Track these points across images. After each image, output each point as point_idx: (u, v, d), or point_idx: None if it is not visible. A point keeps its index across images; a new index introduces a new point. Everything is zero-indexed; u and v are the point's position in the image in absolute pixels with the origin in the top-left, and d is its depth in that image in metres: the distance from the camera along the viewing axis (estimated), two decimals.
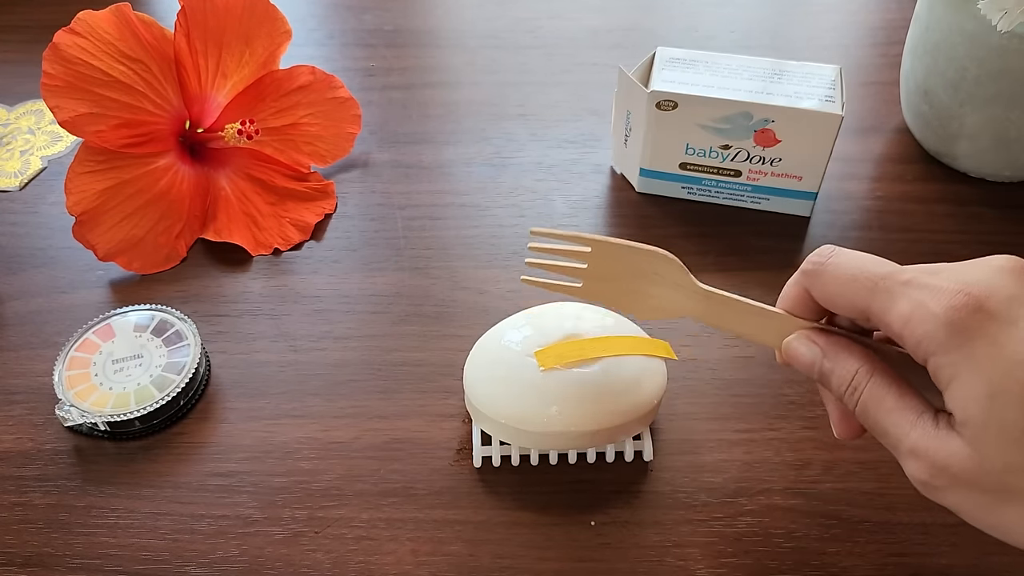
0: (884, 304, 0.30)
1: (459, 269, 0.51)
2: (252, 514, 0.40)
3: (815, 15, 0.72)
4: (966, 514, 0.30)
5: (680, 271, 0.36)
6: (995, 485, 0.28)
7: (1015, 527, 0.29)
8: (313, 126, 0.55)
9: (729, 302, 0.35)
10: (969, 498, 0.29)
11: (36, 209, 0.55)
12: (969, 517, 0.30)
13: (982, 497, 0.29)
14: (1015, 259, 0.30)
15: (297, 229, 0.53)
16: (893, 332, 0.30)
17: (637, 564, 0.39)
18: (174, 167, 0.51)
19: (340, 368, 0.46)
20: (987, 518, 0.29)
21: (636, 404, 0.40)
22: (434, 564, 0.39)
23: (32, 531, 0.40)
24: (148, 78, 0.49)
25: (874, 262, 0.32)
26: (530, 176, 0.57)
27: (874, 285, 0.31)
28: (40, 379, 0.45)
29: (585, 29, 0.69)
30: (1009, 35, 0.48)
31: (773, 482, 0.41)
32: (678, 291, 0.36)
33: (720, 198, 0.54)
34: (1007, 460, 0.28)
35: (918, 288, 0.30)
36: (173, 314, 0.46)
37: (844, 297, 0.32)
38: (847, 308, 0.32)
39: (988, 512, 0.29)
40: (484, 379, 0.41)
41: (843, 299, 0.32)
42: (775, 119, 0.49)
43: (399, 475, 0.42)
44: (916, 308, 0.29)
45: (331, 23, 0.70)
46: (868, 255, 0.32)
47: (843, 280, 0.32)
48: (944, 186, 0.56)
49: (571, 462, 0.42)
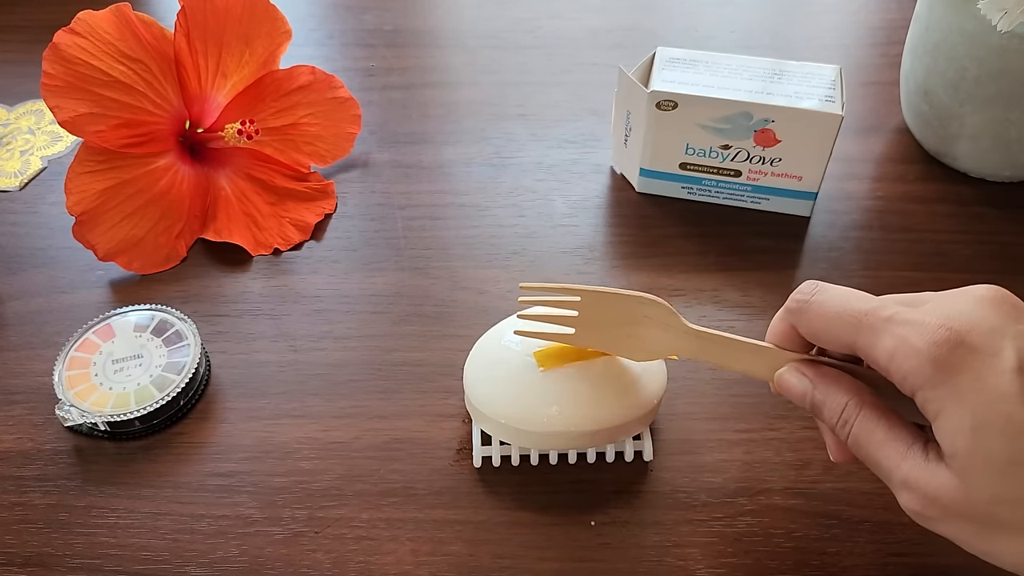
0: (869, 340, 0.31)
1: (459, 269, 0.51)
2: (252, 514, 0.40)
3: (815, 15, 0.72)
4: (960, 542, 0.30)
5: (669, 313, 0.37)
6: (984, 516, 0.29)
7: (1007, 555, 0.29)
8: (313, 126, 0.55)
9: (719, 340, 0.37)
10: (962, 528, 0.30)
11: (36, 209, 0.55)
12: (963, 545, 0.30)
13: (973, 527, 0.30)
14: (995, 289, 0.31)
15: (297, 229, 0.53)
16: (879, 367, 0.31)
17: (637, 564, 0.39)
18: (174, 167, 0.51)
19: (340, 368, 0.46)
20: (980, 546, 0.30)
21: (636, 404, 0.40)
22: (434, 564, 0.39)
23: (32, 531, 0.40)
24: (148, 78, 0.49)
25: (857, 298, 0.32)
26: (530, 176, 0.57)
27: (858, 322, 0.31)
28: (40, 379, 0.45)
29: (585, 29, 0.69)
30: (1009, 35, 0.48)
31: (773, 482, 0.41)
32: (668, 332, 0.37)
33: (720, 198, 0.54)
34: (993, 491, 0.29)
35: (901, 324, 0.30)
36: (173, 314, 0.46)
37: (829, 333, 0.33)
38: (833, 344, 0.33)
39: (980, 541, 0.30)
40: (484, 379, 0.41)
41: (828, 335, 0.33)
42: (775, 119, 0.49)
43: (399, 475, 0.42)
44: (900, 344, 0.30)
45: (331, 23, 0.70)
46: (851, 291, 0.33)
47: (828, 318, 0.32)
48: (944, 186, 0.56)
49: (571, 462, 0.42)
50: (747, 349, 0.36)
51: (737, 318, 0.48)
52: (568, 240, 0.53)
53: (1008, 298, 0.31)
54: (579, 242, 0.52)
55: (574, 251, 0.52)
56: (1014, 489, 0.28)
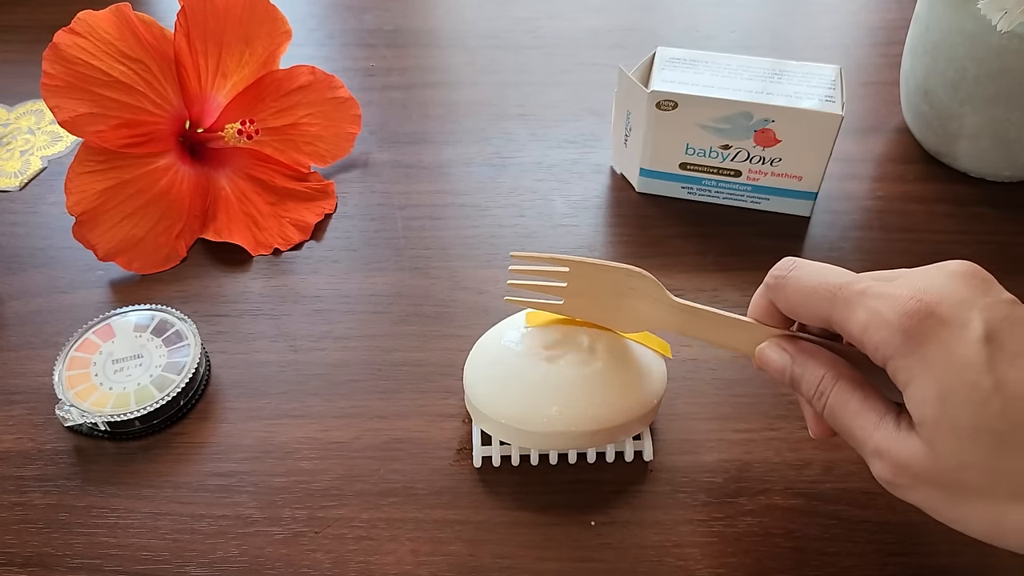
0: (843, 313, 0.32)
1: (459, 269, 0.51)
2: (252, 514, 0.40)
3: (815, 15, 0.72)
4: (930, 510, 0.31)
5: (655, 286, 0.38)
6: (952, 482, 0.30)
7: (973, 521, 0.30)
8: (313, 126, 0.55)
9: (703, 314, 0.37)
10: (931, 495, 0.31)
11: (36, 209, 0.55)
12: (933, 513, 0.31)
13: (942, 494, 0.30)
14: (967, 264, 0.32)
15: (297, 229, 0.53)
16: (853, 339, 0.32)
17: (637, 564, 0.39)
18: (174, 167, 0.51)
19: (340, 368, 0.46)
20: (948, 513, 0.31)
21: (636, 404, 0.40)
22: (434, 564, 0.39)
23: (32, 531, 0.40)
24: (148, 78, 0.49)
25: (833, 272, 0.33)
26: (530, 176, 0.57)
27: (832, 295, 0.32)
28: (40, 379, 0.45)
29: (585, 29, 0.69)
30: (1009, 35, 0.48)
31: (773, 482, 0.41)
32: (654, 305, 0.38)
33: (720, 198, 0.54)
34: (960, 458, 0.29)
35: (874, 297, 0.31)
36: (173, 314, 0.46)
37: (806, 308, 0.34)
38: (810, 318, 0.34)
39: (949, 508, 0.31)
40: (484, 379, 0.41)
41: (805, 310, 0.34)
42: (775, 119, 0.49)
43: (399, 475, 0.42)
44: (872, 316, 0.31)
45: (331, 23, 0.70)
46: (827, 266, 0.34)
47: (804, 292, 0.33)
48: (944, 186, 0.56)
49: (571, 462, 0.42)
50: (730, 324, 0.37)
51: None
52: (568, 240, 0.53)
53: (979, 272, 0.31)
54: (579, 242, 0.52)
55: (574, 251, 0.52)
56: (980, 455, 0.29)
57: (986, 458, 0.29)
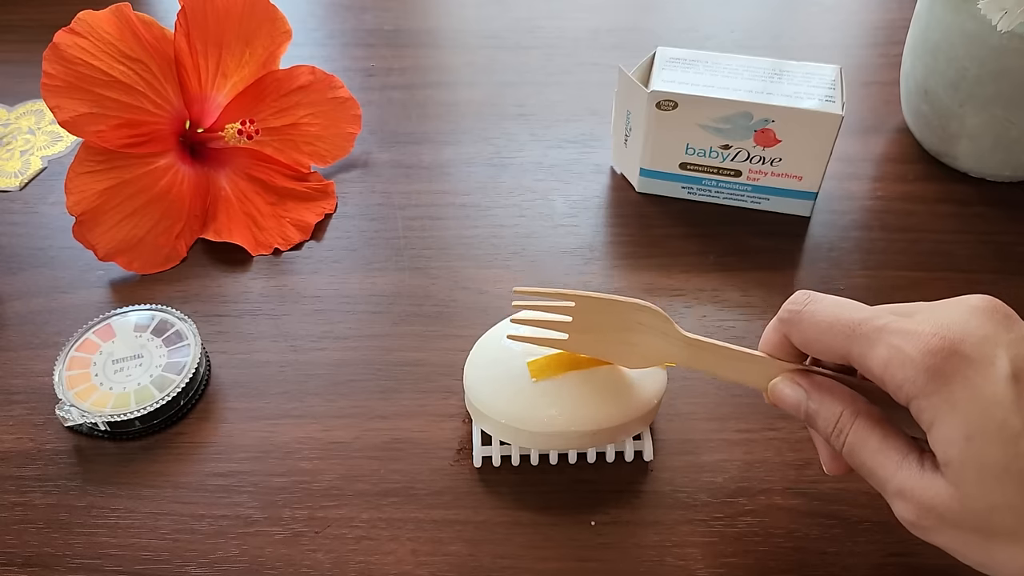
0: (863, 350, 0.31)
1: (459, 269, 0.51)
2: (252, 514, 0.40)
3: (815, 15, 0.72)
4: (956, 553, 0.30)
5: (663, 320, 0.37)
6: (980, 524, 0.29)
7: (1005, 565, 0.29)
8: (313, 126, 0.55)
9: (712, 348, 0.36)
10: (957, 537, 0.30)
11: (36, 209, 0.55)
12: (960, 556, 0.30)
13: (970, 536, 0.29)
14: (988, 299, 0.31)
15: (297, 229, 0.53)
16: (874, 376, 0.31)
17: (637, 564, 0.39)
18: (174, 167, 0.51)
19: (340, 368, 0.46)
20: (977, 556, 0.30)
21: (636, 404, 0.40)
22: (434, 564, 0.39)
23: (32, 531, 0.40)
24: (148, 78, 0.49)
25: (850, 308, 0.32)
26: (530, 176, 0.57)
27: (851, 331, 0.31)
28: (40, 379, 0.45)
29: (585, 29, 0.69)
30: (1009, 35, 0.48)
31: (773, 482, 0.41)
32: (663, 339, 0.37)
33: (720, 198, 0.54)
34: (989, 499, 0.29)
35: (894, 333, 0.30)
36: (173, 314, 0.46)
37: (822, 343, 0.33)
38: (826, 353, 0.33)
39: (977, 551, 0.30)
40: (484, 379, 0.41)
41: (821, 345, 0.33)
42: (775, 119, 0.49)
43: (399, 475, 0.42)
44: (894, 353, 0.30)
45: (331, 23, 0.70)
46: (843, 300, 0.33)
47: (821, 328, 0.32)
48: (944, 186, 0.56)
49: (571, 462, 0.42)
50: (741, 358, 0.36)
51: (737, 318, 0.48)
52: (568, 240, 0.53)
53: (1000, 307, 0.31)
54: (579, 242, 0.52)
55: (574, 251, 0.52)
56: (1009, 496, 0.28)
57: (1017, 499, 0.28)
